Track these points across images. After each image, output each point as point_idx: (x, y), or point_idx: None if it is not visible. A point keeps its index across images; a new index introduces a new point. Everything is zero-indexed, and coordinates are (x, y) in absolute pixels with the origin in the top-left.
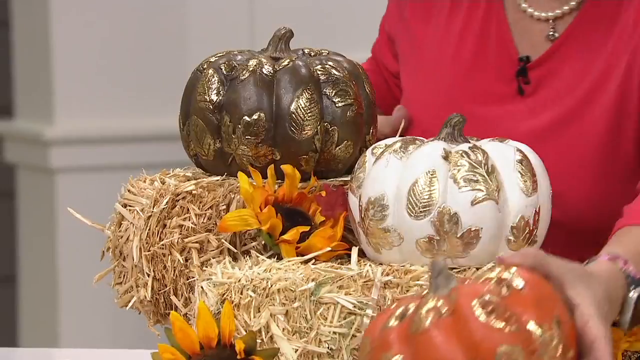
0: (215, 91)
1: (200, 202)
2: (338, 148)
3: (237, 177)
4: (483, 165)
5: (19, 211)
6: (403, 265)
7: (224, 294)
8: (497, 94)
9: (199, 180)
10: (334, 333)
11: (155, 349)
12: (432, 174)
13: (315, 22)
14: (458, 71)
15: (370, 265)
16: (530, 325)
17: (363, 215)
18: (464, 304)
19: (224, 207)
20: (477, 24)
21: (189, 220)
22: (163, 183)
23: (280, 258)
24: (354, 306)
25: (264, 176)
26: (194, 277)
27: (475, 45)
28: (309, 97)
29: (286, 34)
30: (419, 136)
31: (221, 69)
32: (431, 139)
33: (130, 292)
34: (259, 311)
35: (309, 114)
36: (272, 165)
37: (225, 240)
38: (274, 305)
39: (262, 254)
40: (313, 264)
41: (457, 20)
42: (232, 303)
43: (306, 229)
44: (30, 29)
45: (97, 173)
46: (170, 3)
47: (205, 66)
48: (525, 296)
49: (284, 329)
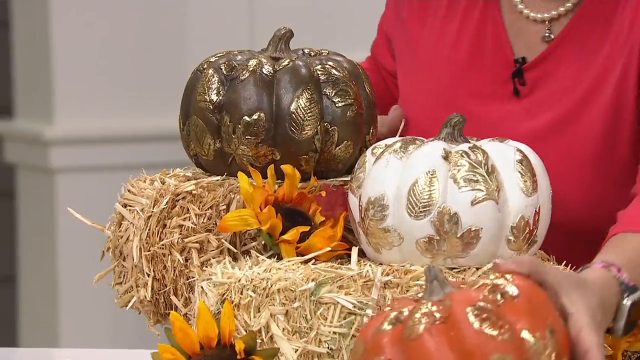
0: (215, 91)
1: (200, 202)
2: (338, 148)
3: (237, 177)
4: (483, 165)
5: (19, 211)
6: (403, 265)
7: (224, 294)
8: (493, 95)
9: (199, 180)
10: (334, 333)
11: (155, 349)
12: (432, 174)
13: (315, 22)
14: (454, 72)
15: (370, 265)
16: (524, 334)
17: (363, 215)
18: (458, 311)
19: (224, 207)
20: (473, 25)
21: (189, 220)
22: (163, 183)
23: (280, 258)
24: (354, 306)
25: (264, 176)
26: (194, 277)
27: (471, 46)
28: (309, 97)
29: (286, 34)
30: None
31: (221, 69)
32: (431, 139)
33: (130, 292)
34: (259, 311)
35: (309, 114)
36: (272, 165)
37: (225, 240)
38: (274, 305)
39: (262, 254)
40: (313, 264)
41: (454, 21)
42: (232, 303)
43: (306, 229)
44: (30, 29)
45: (97, 173)
46: (170, 3)
47: (205, 66)
48: (519, 304)
49: (284, 329)
